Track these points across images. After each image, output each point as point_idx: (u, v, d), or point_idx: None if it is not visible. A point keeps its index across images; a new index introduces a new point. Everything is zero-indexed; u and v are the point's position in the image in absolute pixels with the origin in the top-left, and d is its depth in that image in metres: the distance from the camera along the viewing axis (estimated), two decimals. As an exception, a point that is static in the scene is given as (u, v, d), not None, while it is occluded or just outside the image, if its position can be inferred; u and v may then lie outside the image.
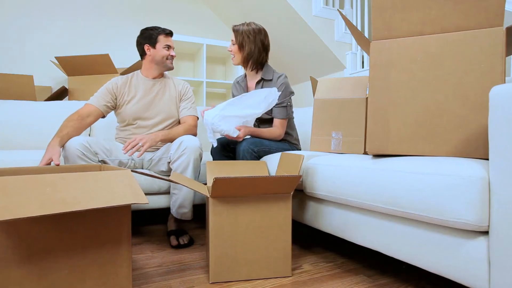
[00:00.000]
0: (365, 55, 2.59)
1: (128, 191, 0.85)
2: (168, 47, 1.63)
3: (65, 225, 0.83)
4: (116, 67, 2.51)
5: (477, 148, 0.82)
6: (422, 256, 0.81)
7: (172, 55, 1.65)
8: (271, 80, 1.71)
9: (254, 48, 1.65)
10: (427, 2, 0.87)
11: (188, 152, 1.38)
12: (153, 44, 1.61)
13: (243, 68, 1.77)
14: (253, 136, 1.62)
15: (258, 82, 1.73)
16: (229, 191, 1.01)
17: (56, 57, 2.20)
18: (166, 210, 2.16)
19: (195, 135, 1.65)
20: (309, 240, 1.53)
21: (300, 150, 1.86)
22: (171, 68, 1.68)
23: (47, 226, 0.81)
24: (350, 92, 1.40)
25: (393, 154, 0.95)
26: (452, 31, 0.86)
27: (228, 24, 3.36)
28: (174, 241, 1.42)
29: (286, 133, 1.80)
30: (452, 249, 0.74)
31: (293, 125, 1.86)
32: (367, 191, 0.93)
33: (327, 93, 1.46)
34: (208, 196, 1.03)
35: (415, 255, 0.83)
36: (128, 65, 2.91)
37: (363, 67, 2.69)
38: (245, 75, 1.84)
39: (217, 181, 0.94)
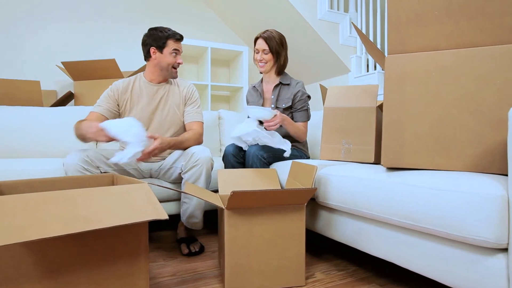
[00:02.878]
0: (370, 58, 2.60)
1: (147, 206, 0.86)
2: (176, 52, 1.53)
3: (85, 240, 0.84)
4: (121, 70, 2.50)
5: (493, 163, 0.83)
6: (437, 269, 0.82)
7: (179, 63, 1.56)
8: (288, 84, 1.78)
9: (286, 54, 1.76)
10: (442, 18, 0.88)
11: (201, 163, 1.38)
12: (161, 48, 1.51)
13: (265, 73, 1.80)
14: (285, 124, 1.61)
15: (276, 86, 1.78)
16: (244, 203, 1.02)
17: (62, 62, 2.20)
18: (176, 216, 2.16)
19: (201, 142, 1.61)
20: (320, 246, 1.55)
21: (308, 156, 1.87)
22: (175, 77, 1.60)
23: (68, 242, 0.82)
24: (360, 100, 1.41)
25: (407, 168, 0.96)
26: (467, 47, 0.86)
27: (232, 28, 3.36)
28: (185, 249, 1.43)
29: (296, 139, 1.82)
30: (469, 264, 0.75)
31: None
32: (382, 204, 0.94)
33: (336, 101, 1.47)
34: (224, 208, 1.04)
35: (430, 268, 0.85)
36: (132, 68, 2.90)
37: (367, 70, 2.69)
38: (261, 80, 1.88)
39: (234, 194, 0.95)
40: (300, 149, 1.81)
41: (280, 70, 1.78)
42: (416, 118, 0.92)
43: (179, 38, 1.53)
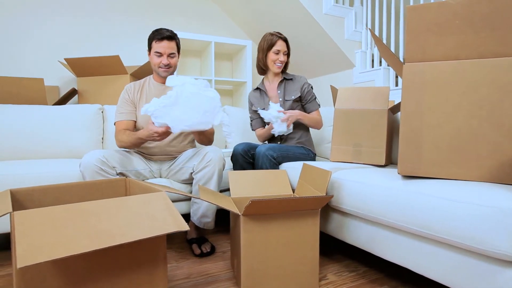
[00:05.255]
0: (375, 54, 2.58)
1: (168, 216, 0.87)
2: (160, 54, 1.51)
3: (107, 251, 0.85)
4: (124, 65, 2.47)
5: (511, 174, 0.84)
6: (455, 278, 0.84)
7: (164, 63, 1.52)
8: (292, 79, 1.85)
9: None
10: (463, 27, 0.87)
11: (213, 164, 1.39)
12: (149, 50, 1.56)
13: (277, 74, 1.86)
14: (301, 119, 1.74)
15: (281, 82, 1.85)
16: (261, 210, 1.03)
17: (65, 59, 2.17)
18: (185, 216, 2.17)
19: (212, 141, 1.64)
20: (328, 246, 1.57)
21: (314, 153, 1.87)
22: (163, 76, 1.56)
23: (90, 253, 0.83)
24: (371, 102, 1.41)
25: (423, 176, 0.96)
26: (489, 57, 0.86)
27: (236, 21, 3.31)
28: (197, 250, 1.44)
29: (303, 136, 1.83)
30: (487, 275, 0.77)
31: (307, 128, 1.89)
32: (399, 213, 0.95)
33: (347, 103, 1.47)
34: (240, 214, 1.04)
35: (447, 277, 0.86)
36: (136, 63, 2.87)
37: (372, 66, 2.68)
38: (262, 81, 1.92)
39: (253, 203, 0.96)
40: (307, 148, 1.81)
41: (287, 67, 1.89)
42: (434, 128, 0.92)
43: (161, 37, 1.49)
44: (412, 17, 0.91)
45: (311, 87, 1.85)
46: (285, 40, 1.79)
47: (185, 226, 0.84)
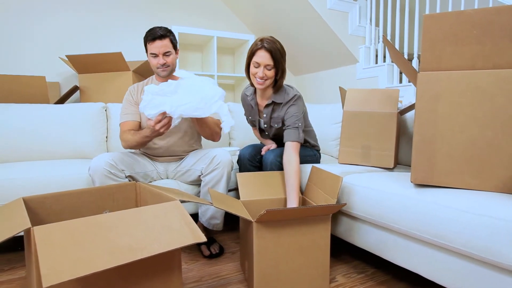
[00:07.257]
0: (379, 50, 2.56)
1: (185, 228, 0.87)
2: (155, 55, 1.46)
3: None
4: (126, 60, 2.43)
5: (525, 185, 0.85)
6: (466, 287, 0.86)
7: (160, 63, 1.46)
8: (281, 103, 1.52)
9: (285, 67, 1.46)
10: (481, 37, 0.86)
11: (222, 167, 1.40)
12: (146, 51, 1.51)
13: (259, 90, 1.55)
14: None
15: (268, 105, 1.55)
16: (274, 218, 1.04)
17: (67, 55, 2.13)
18: (192, 216, 2.17)
19: (219, 135, 1.56)
20: (336, 247, 1.59)
21: (319, 151, 1.86)
22: (162, 76, 1.51)
23: (109, 265, 0.83)
24: (380, 105, 1.41)
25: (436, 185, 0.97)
26: (505, 68, 0.86)
27: (239, 16, 3.26)
28: (206, 251, 1.46)
29: (305, 136, 1.78)
30: (501, 285, 0.78)
31: (309, 124, 1.82)
32: (411, 220, 0.96)
33: (356, 105, 1.46)
34: (253, 221, 1.05)
35: (458, 284, 0.88)
36: (138, 58, 2.82)
37: (376, 62, 2.66)
38: (255, 91, 1.63)
39: (268, 213, 0.96)
40: (313, 147, 1.80)
41: (279, 86, 1.50)
42: (448, 137, 0.92)
43: (152, 38, 1.44)
44: (429, 25, 0.91)
45: (303, 112, 1.52)
46: (270, 51, 1.36)
47: (202, 238, 0.85)
